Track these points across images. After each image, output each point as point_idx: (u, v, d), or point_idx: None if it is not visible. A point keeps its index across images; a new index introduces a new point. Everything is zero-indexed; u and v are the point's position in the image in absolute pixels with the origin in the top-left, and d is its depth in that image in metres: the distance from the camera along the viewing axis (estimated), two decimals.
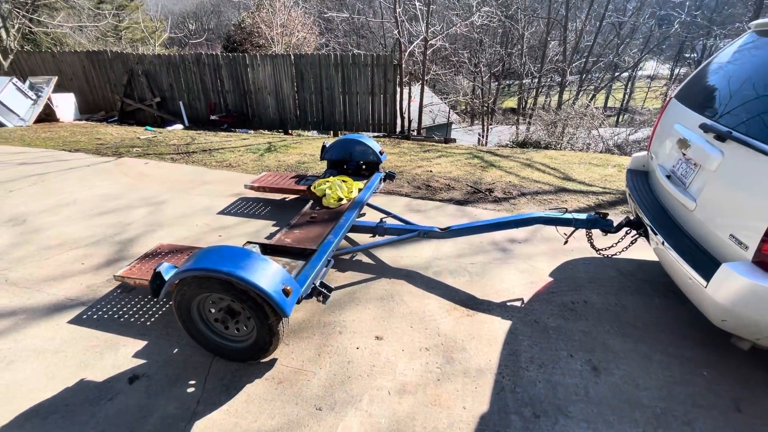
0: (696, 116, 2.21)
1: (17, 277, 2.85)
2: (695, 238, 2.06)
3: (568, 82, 17.95)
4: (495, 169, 5.33)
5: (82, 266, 2.99)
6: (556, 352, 2.16)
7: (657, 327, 2.35)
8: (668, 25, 19.88)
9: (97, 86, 10.57)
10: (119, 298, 2.60)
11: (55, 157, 5.91)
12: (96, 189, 4.56)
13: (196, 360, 2.11)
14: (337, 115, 9.16)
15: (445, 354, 2.15)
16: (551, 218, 2.72)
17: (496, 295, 2.64)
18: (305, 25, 22.05)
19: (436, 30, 11.17)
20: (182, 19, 35.59)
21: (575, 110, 10.89)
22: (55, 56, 10.62)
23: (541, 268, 2.97)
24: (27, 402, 1.87)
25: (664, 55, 28.16)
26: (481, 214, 3.92)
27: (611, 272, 2.91)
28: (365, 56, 8.52)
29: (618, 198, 4.28)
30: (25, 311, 2.48)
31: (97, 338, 2.26)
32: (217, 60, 9.41)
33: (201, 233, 3.50)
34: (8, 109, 8.34)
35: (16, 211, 3.92)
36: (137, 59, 9.96)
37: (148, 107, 10.23)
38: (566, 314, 2.46)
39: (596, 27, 18.96)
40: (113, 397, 1.90)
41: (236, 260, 1.82)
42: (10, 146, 6.62)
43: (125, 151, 6.25)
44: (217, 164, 5.57)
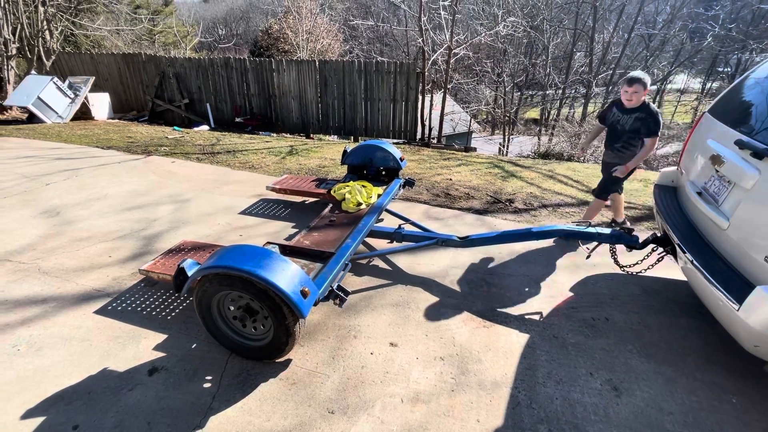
0: (731, 132, 2.14)
1: (49, 266, 2.98)
2: (727, 258, 1.97)
3: (594, 93, 17.62)
4: (516, 179, 5.26)
5: (110, 259, 3.10)
6: (575, 369, 2.10)
7: (683, 349, 2.26)
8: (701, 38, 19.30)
9: (130, 87, 11.02)
10: (143, 292, 2.68)
11: (88, 154, 6.18)
12: (125, 185, 4.74)
13: (213, 356, 2.15)
14: (358, 120, 9.25)
15: (460, 364, 2.12)
16: (574, 231, 2.66)
17: (514, 308, 2.60)
18: (330, 32, 22.49)
19: (460, 39, 11.19)
20: (212, 25, 36.84)
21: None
22: (93, 57, 11.14)
23: (561, 282, 2.90)
24: (53, 387, 1.94)
25: (695, 68, 27.31)
26: (501, 224, 3.87)
27: (635, 290, 2.82)
28: (388, 64, 8.60)
29: (644, 213, 4.15)
30: (55, 300, 2.59)
31: (120, 329, 2.33)
32: (244, 64, 9.67)
33: (223, 232, 3.58)
34: (48, 107, 8.79)
35: (51, 204, 4.11)
36: (169, 62, 10.34)
37: (177, 108, 10.59)
38: (586, 331, 2.39)
39: (624, 39, 18.58)
40: (133, 388, 1.95)
41: (257, 260, 1.85)
42: (48, 141, 6.97)
43: (154, 150, 6.48)
44: (241, 165, 5.70)
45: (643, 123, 2.94)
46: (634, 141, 3.07)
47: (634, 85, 2.90)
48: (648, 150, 3.01)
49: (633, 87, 2.90)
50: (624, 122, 3.04)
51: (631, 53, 20.07)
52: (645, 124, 2.94)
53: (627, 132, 3.05)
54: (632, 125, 2.99)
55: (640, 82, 2.89)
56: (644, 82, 2.89)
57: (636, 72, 2.97)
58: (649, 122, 2.91)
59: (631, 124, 3.00)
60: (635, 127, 2.98)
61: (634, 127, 2.98)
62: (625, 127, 3.04)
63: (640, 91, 2.90)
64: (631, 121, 3.00)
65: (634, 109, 2.98)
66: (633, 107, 2.98)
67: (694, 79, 30.04)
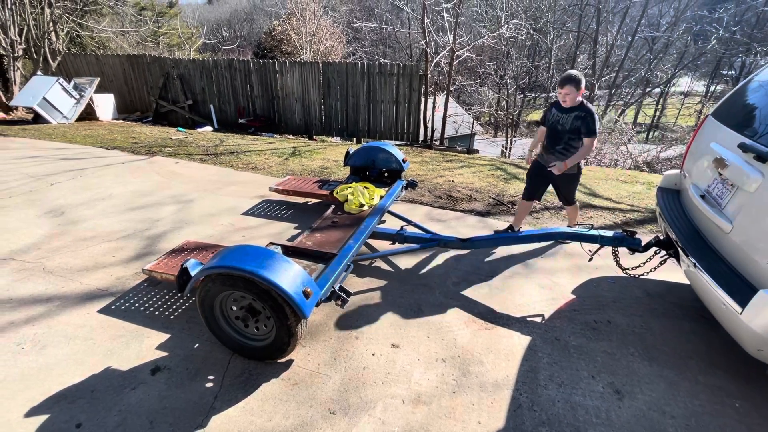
0: (735, 135, 2.14)
1: (53, 265, 3.00)
2: (730, 261, 1.97)
3: (597, 96, 17.60)
4: (518, 181, 5.26)
5: (113, 258, 3.12)
6: (576, 372, 2.10)
7: (686, 353, 2.25)
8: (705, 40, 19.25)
9: (134, 88, 11.09)
10: (146, 291, 2.70)
11: (93, 154, 6.22)
12: (129, 185, 4.77)
13: (216, 356, 2.16)
14: (361, 122, 9.27)
15: (461, 366, 2.12)
16: (576, 234, 2.66)
17: (516, 310, 2.60)
18: (333, 34, 22.57)
19: (463, 41, 11.21)
20: (216, 26, 37.06)
21: (603, 125, 10.65)
22: (99, 59, 11.23)
23: (563, 284, 2.90)
24: (57, 385, 1.95)
25: (699, 71, 27.24)
26: (503, 226, 3.87)
27: (638, 293, 2.81)
28: (391, 66, 8.62)
29: (646, 216, 4.14)
30: (59, 299, 2.61)
31: (123, 328, 2.34)
32: (248, 66, 9.72)
33: (225, 232, 3.59)
34: (53, 107, 8.86)
35: (56, 203, 4.14)
36: (173, 63, 10.41)
37: (181, 109, 10.65)
38: (588, 333, 2.39)
39: (628, 41, 18.55)
40: (136, 387, 1.96)
41: (260, 260, 1.86)
42: (53, 142, 7.02)
43: (158, 151, 6.52)
44: (244, 166, 5.73)
45: (583, 122, 2.86)
46: (575, 142, 2.99)
47: (565, 87, 2.83)
48: (587, 149, 2.93)
49: (565, 88, 2.84)
50: (564, 122, 2.96)
51: (634, 56, 20.04)
52: (584, 123, 2.86)
53: (567, 132, 2.96)
54: (572, 124, 2.91)
55: (571, 83, 2.81)
56: (576, 82, 2.81)
57: (569, 72, 2.88)
58: (588, 121, 2.84)
59: (570, 123, 2.92)
60: (575, 126, 2.90)
61: (574, 126, 2.91)
62: (566, 127, 2.96)
63: (573, 92, 2.83)
64: (570, 119, 2.92)
65: (572, 108, 2.91)
66: (573, 106, 2.91)
67: (698, 82, 29.95)
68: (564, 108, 2.95)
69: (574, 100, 2.88)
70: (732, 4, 18.98)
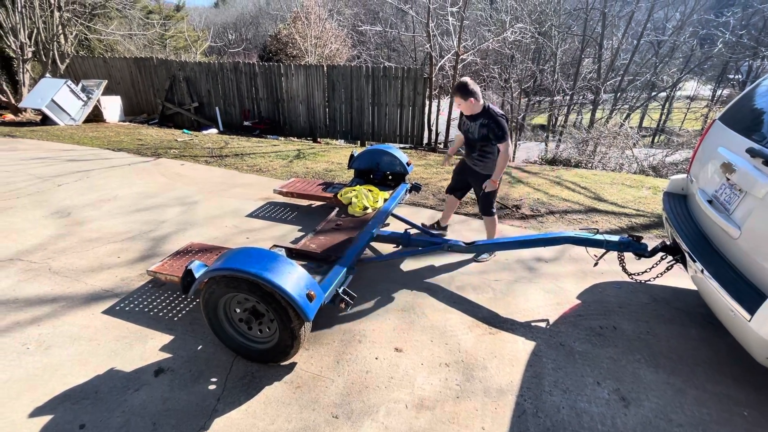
0: (742, 140, 2.11)
1: (59, 266, 3.02)
2: (738, 267, 1.94)
3: (602, 100, 17.52)
4: (523, 185, 5.24)
5: (118, 260, 3.13)
6: (582, 378, 2.08)
7: (693, 360, 2.22)
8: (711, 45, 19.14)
9: (141, 90, 11.19)
10: (150, 292, 2.71)
11: (99, 155, 6.28)
12: (135, 187, 4.80)
13: (219, 358, 2.16)
14: (365, 125, 9.29)
15: (465, 371, 2.11)
16: (581, 238, 2.64)
17: (521, 315, 2.58)
18: (338, 37, 22.67)
19: (467, 45, 11.22)
20: (223, 29, 37.33)
21: (608, 129, 10.60)
22: (107, 61, 11.34)
23: (568, 289, 2.88)
24: (61, 386, 1.96)
25: (705, 75, 27.04)
26: (508, 230, 3.85)
27: (644, 298, 2.79)
28: (396, 69, 8.64)
29: (652, 221, 4.11)
30: (64, 299, 2.62)
31: (127, 329, 2.35)
32: (253, 69, 9.78)
33: (230, 234, 3.60)
34: (61, 109, 8.95)
35: (63, 204, 4.17)
36: (179, 66, 10.50)
37: (187, 111, 10.72)
38: (594, 339, 2.37)
39: (633, 45, 18.48)
40: (139, 388, 1.97)
41: (264, 263, 1.86)
42: (61, 143, 7.09)
43: (163, 152, 6.56)
44: (248, 168, 5.75)
45: (489, 129, 2.80)
46: (488, 148, 2.93)
47: (455, 96, 2.79)
48: (503, 156, 2.82)
49: (467, 101, 2.78)
50: (472, 130, 2.92)
51: (640, 60, 19.95)
52: (490, 130, 2.80)
53: (477, 140, 2.92)
54: (479, 132, 2.87)
55: (457, 93, 2.77)
56: (462, 92, 2.75)
57: (458, 81, 2.80)
58: (493, 127, 2.78)
59: (477, 131, 2.88)
60: (483, 134, 2.85)
61: (482, 134, 2.86)
62: (475, 135, 2.92)
63: (462, 102, 2.80)
64: (476, 128, 2.88)
65: (477, 115, 2.85)
66: (476, 114, 2.85)
67: (704, 86, 29.75)
68: (470, 116, 2.90)
69: (472, 108, 2.82)
70: (739, 8, 18.87)
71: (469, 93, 2.76)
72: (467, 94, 2.76)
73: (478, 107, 2.82)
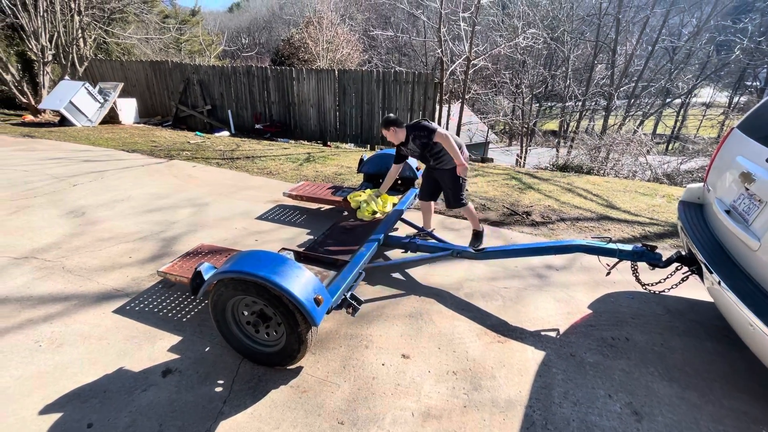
0: (762, 149, 2.06)
1: (72, 265, 3.07)
2: (758, 280, 1.88)
3: (615, 106, 17.31)
4: (533, 191, 5.18)
5: (130, 259, 3.17)
6: (593, 390, 2.03)
7: (709, 374, 2.16)
8: (728, 51, 18.80)
9: (156, 93, 11.41)
10: (160, 293, 2.73)
11: (114, 156, 6.39)
12: (147, 188, 4.87)
13: (226, 360, 2.16)
14: (375, 129, 9.32)
15: (473, 380, 2.08)
16: (593, 247, 2.59)
17: (530, 323, 2.54)
18: (350, 42, 22.84)
19: (479, 50, 11.20)
20: (236, 34, 37.92)
21: (621, 135, 10.46)
22: (123, 64, 11.60)
23: (579, 298, 2.82)
24: (70, 384, 1.98)
25: (722, 82, 26.56)
26: (517, 237, 3.81)
27: (658, 309, 2.72)
28: (407, 74, 8.66)
29: (667, 230, 4.02)
30: (76, 298, 2.66)
31: (137, 329, 2.37)
32: (266, 72, 9.90)
33: (239, 236, 3.63)
34: (79, 111, 9.17)
35: (77, 204, 4.26)
36: (194, 69, 10.68)
37: (200, 114, 10.89)
38: (605, 350, 2.31)
39: (648, 51, 18.24)
40: (147, 389, 1.98)
41: (272, 266, 1.87)
42: (77, 144, 7.25)
43: (176, 154, 6.66)
44: (259, 171, 5.80)
45: (418, 135, 3.01)
46: (435, 149, 3.07)
47: (390, 129, 3.03)
48: (447, 141, 2.93)
49: (390, 130, 3.03)
50: (413, 148, 3.11)
51: (654, 66, 19.68)
52: (419, 136, 3.00)
53: (422, 151, 3.10)
54: (418, 145, 3.06)
55: (391, 125, 3.02)
56: (386, 125, 3.03)
57: (385, 118, 3.06)
58: (420, 134, 2.99)
59: (415, 146, 3.07)
60: (421, 143, 3.04)
61: (420, 144, 3.04)
62: (417, 150, 3.11)
63: (389, 133, 3.04)
64: (413, 145, 3.07)
65: (406, 138, 3.07)
66: (404, 138, 3.07)
67: (721, 93, 29.21)
68: (402, 143, 3.13)
69: (397, 136, 3.06)
70: (757, 14, 18.52)
71: (389, 123, 3.03)
72: (387, 125, 3.04)
73: (401, 133, 3.05)
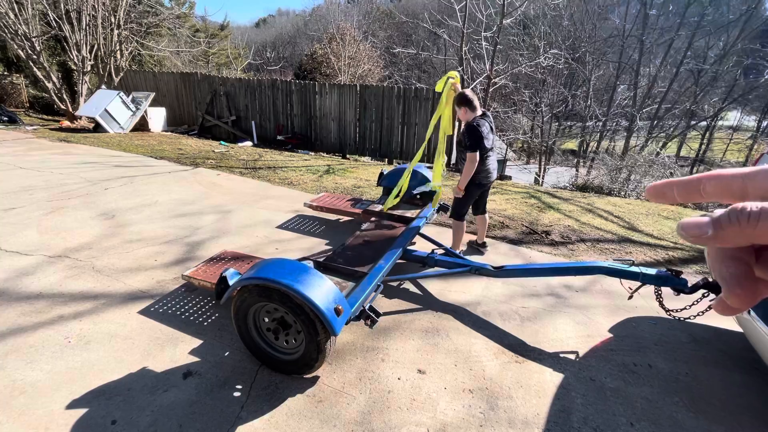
0: None
1: (102, 265, 3.20)
2: None
3: (637, 127, 17.07)
4: (553, 211, 5.14)
5: (155, 262, 3.28)
6: (614, 417, 1.98)
7: (737, 408, 2.07)
8: (757, 74, 18.40)
9: (184, 103, 11.87)
10: (183, 296, 2.81)
11: (143, 163, 6.66)
12: (174, 194, 5.05)
13: (245, 366, 2.20)
14: (394, 144, 9.44)
15: (489, 399, 2.05)
16: (615, 270, 2.55)
17: (549, 345, 2.50)
18: (371, 58, 23.35)
19: (499, 69, 11.29)
20: (262, 48, 39.29)
21: (643, 157, 10.29)
22: (155, 75, 12.15)
23: (599, 321, 2.77)
24: (97, 381, 2.05)
25: (750, 105, 25.89)
26: (536, 256, 3.77)
27: (682, 337, 2.64)
28: (427, 90, 8.79)
29: (692, 256, 3.92)
30: (105, 297, 2.77)
31: (160, 331, 2.45)
32: (290, 86, 10.21)
33: (260, 244, 3.71)
34: (112, 118, 9.61)
35: (108, 207, 4.44)
36: (221, 81, 11.10)
37: (224, 124, 11.26)
38: (627, 377, 2.26)
39: (672, 73, 18.02)
40: (168, 389, 2.03)
41: (296, 274, 1.91)
42: (109, 149, 7.58)
43: (201, 162, 6.88)
44: (280, 181, 5.94)
45: (463, 135, 3.12)
46: (464, 155, 3.16)
47: (462, 107, 3.14)
48: (467, 166, 3.09)
49: (461, 108, 3.14)
50: (461, 135, 3.22)
51: (679, 87, 19.40)
52: (464, 137, 3.11)
53: (459, 145, 3.21)
54: (460, 138, 3.21)
55: (463, 105, 3.12)
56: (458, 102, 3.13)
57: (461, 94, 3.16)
58: (465, 136, 3.10)
59: (459, 136, 3.22)
60: (460, 140, 3.19)
61: (460, 139, 3.18)
62: (460, 139, 3.24)
63: (458, 111, 3.15)
64: (461, 134, 3.19)
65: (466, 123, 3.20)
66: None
67: (749, 116, 28.44)
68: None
69: (465, 116, 3.15)
70: None
71: (461, 102, 3.15)
72: (460, 103, 3.16)
73: (469, 115, 3.14)
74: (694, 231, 0.30)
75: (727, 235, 0.28)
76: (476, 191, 3.38)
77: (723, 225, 0.28)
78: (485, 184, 3.35)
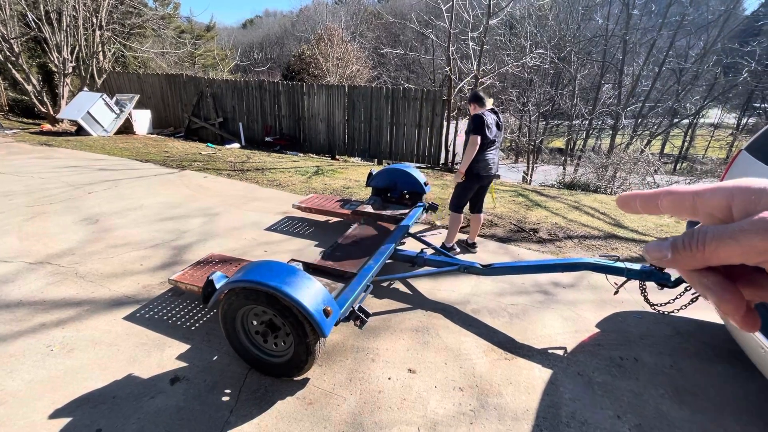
0: None
1: (85, 270, 3.13)
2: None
3: (622, 125, 17.37)
4: (541, 209, 5.20)
5: (141, 267, 3.23)
6: (601, 410, 2.01)
7: (720, 398, 2.12)
8: (736, 73, 18.88)
9: (170, 105, 11.70)
10: (170, 301, 2.77)
11: (128, 166, 6.54)
12: (160, 197, 4.97)
13: (233, 370, 2.18)
14: (383, 144, 9.44)
15: (479, 396, 2.06)
16: (601, 265, 2.59)
17: (537, 341, 2.52)
18: (360, 59, 23.33)
19: (486, 68, 11.38)
20: (249, 49, 38.91)
21: (628, 155, 10.48)
22: (140, 77, 11.94)
23: (586, 317, 2.81)
24: (80, 389, 2.01)
25: (730, 103, 26.58)
26: (524, 254, 3.81)
27: (666, 330, 2.69)
28: (415, 90, 8.82)
29: None
30: (89, 303, 2.71)
31: (147, 336, 2.40)
32: (277, 87, 10.14)
33: (248, 246, 3.68)
34: (95, 121, 9.43)
35: (92, 211, 4.35)
36: (207, 83, 10.97)
37: (211, 126, 11.13)
38: (614, 370, 2.29)
39: (655, 72, 18.39)
40: (155, 396, 1.99)
41: (284, 276, 1.90)
42: (93, 153, 7.43)
43: (188, 165, 6.79)
44: (268, 183, 5.89)
45: (468, 126, 3.33)
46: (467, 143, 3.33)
47: (471, 104, 3.40)
48: (468, 149, 3.24)
49: (471, 105, 3.40)
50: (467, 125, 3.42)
51: (661, 86, 19.80)
52: (469, 126, 3.31)
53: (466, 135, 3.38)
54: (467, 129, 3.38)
55: (473, 102, 3.37)
56: (469, 99, 3.43)
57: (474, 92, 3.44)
58: (469, 123, 3.32)
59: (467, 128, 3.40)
60: (466, 129, 3.38)
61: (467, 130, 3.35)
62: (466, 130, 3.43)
63: (476, 108, 3.35)
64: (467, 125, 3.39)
65: None
66: None
67: (729, 114, 29.20)
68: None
69: (472, 112, 3.37)
70: (765, 37, 18.66)
71: (471, 99, 3.40)
72: (470, 100, 3.41)
73: (477, 111, 3.34)
74: (655, 254, 0.30)
75: (682, 259, 0.28)
76: (475, 184, 3.42)
77: (678, 249, 0.28)
78: (484, 176, 3.38)
